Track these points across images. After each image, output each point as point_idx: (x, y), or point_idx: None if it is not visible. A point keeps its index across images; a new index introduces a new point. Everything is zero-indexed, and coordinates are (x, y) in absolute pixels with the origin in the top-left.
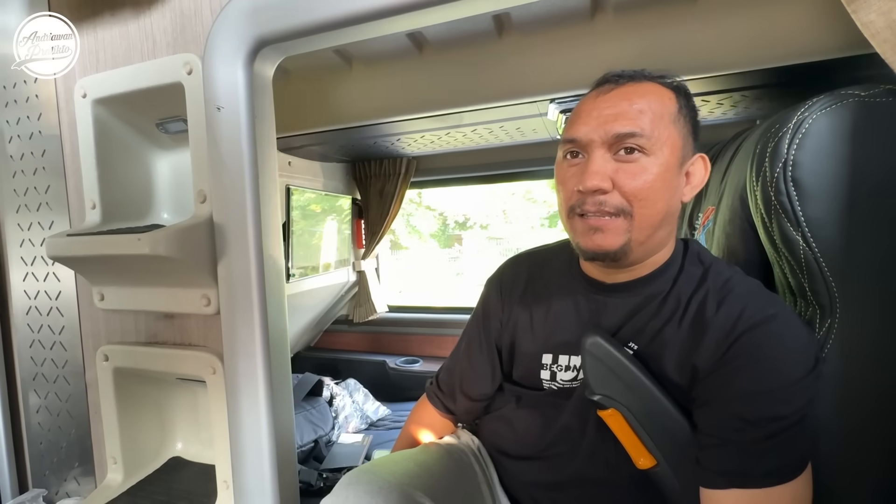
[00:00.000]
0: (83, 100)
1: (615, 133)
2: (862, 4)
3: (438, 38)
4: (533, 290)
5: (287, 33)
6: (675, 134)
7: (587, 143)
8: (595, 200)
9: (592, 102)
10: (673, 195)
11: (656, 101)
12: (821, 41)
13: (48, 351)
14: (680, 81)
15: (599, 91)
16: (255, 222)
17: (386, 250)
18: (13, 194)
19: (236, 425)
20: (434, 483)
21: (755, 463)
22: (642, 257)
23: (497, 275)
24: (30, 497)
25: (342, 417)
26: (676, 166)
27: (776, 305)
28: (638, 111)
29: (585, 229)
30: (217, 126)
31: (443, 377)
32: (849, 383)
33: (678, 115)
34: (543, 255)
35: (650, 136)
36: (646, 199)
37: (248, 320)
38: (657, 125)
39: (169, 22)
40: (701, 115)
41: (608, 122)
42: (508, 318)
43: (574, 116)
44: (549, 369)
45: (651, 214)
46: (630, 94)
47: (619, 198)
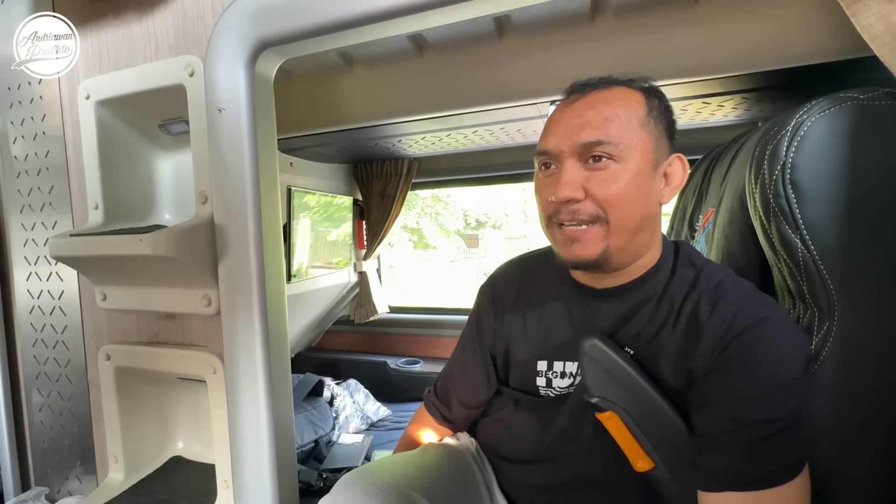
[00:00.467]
0: (87, 101)
1: (582, 143)
2: (861, 8)
3: (439, 39)
4: (525, 296)
5: (288, 35)
6: (646, 137)
7: (557, 154)
8: (569, 210)
9: (560, 113)
10: (648, 199)
11: (623, 107)
12: (820, 44)
13: (51, 350)
14: (651, 83)
15: (567, 101)
16: (255, 223)
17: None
18: (17, 194)
19: (236, 425)
20: (433, 484)
21: (752, 465)
22: (626, 262)
23: (489, 283)
24: (32, 495)
25: (342, 418)
26: (649, 169)
27: (769, 308)
28: (604, 119)
29: (564, 239)
30: (219, 127)
31: (440, 386)
32: (847, 386)
33: (647, 117)
34: (535, 261)
35: (618, 143)
36: (619, 205)
37: (248, 320)
38: (625, 131)
39: (171, 24)
40: (701, 117)
41: (575, 131)
42: (502, 326)
43: (545, 128)
44: (545, 376)
45: (626, 219)
46: (595, 102)
47: (593, 205)
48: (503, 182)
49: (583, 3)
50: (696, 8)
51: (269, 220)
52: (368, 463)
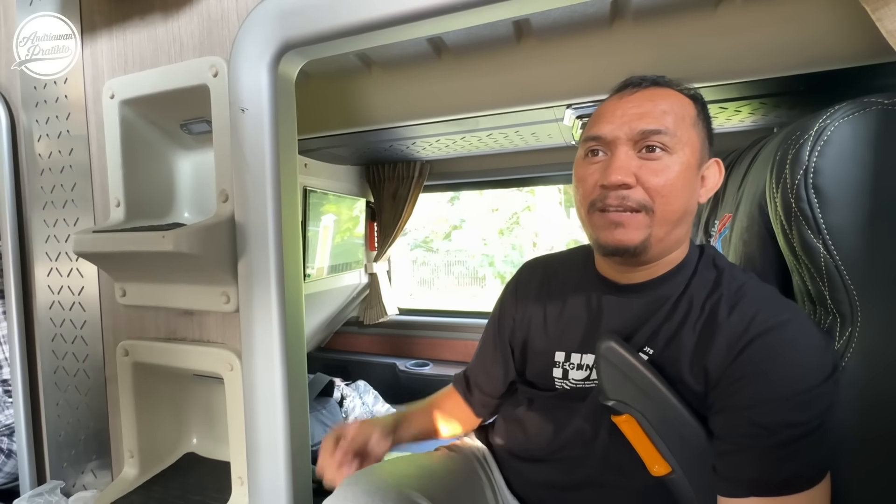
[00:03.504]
0: (111, 101)
1: (641, 129)
2: (887, 13)
3: (458, 42)
4: (548, 289)
5: (311, 37)
6: (695, 136)
7: (612, 140)
8: (618, 195)
9: (616, 103)
10: (691, 195)
11: (678, 104)
12: (842, 49)
13: (69, 345)
14: (696, 91)
15: (622, 93)
16: (275, 222)
17: None
18: (40, 191)
19: (252, 422)
20: (435, 485)
21: (773, 470)
22: (660, 254)
23: (514, 278)
24: (48, 488)
25: (352, 418)
26: (695, 167)
27: (791, 311)
28: (662, 111)
29: (606, 224)
30: (241, 127)
31: (467, 369)
32: (870, 393)
33: (697, 119)
34: (560, 258)
35: (674, 135)
36: (668, 195)
37: (266, 318)
38: (679, 126)
39: (196, 26)
40: (718, 122)
41: (633, 120)
42: (522, 316)
43: (596, 117)
44: (562, 367)
45: (671, 211)
46: (653, 96)
47: (643, 193)
48: (513, 186)
49: (602, 7)
50: (715, 12)
51: (289, 220)
52: (371, 465)
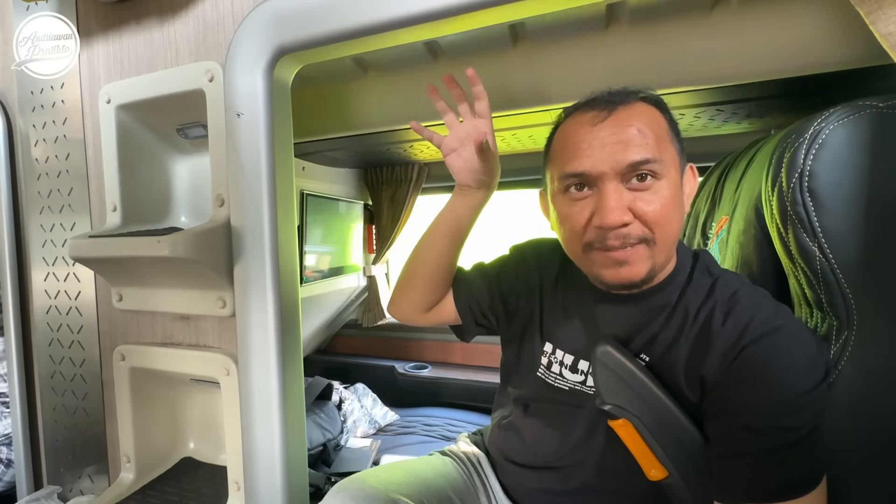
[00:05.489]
0: (107, 105)
1: (630, 162)
2: (881, 15)
3: (454, 45)
4: (559, 282)
5: (307, 42)
6: (674, 151)
7: (597, 176)
8: (618, 234)
9: (590, 132)
10: (682, 212)
11: (651, 120)
12: (837, 52)
13: (66, 350)
14: (657, 95)
15: (594, 117)
16: (271, 226)
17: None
18: (37, 196)
19: (249, 427)
20: (425, 490)
21: (768, 476)
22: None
23: (531, 247)
24: (45, 494)
25: (351, 422)
26: (679, 183)
27: (783, 317)
28: (644, 136)
29: (610, 263)
30: (237, 132)
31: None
32: (866, 397)
33: (670, 130)
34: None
35: (661, 161)
36: (665, 223)
37: (262, 323)
38: (661, 146)
39: (192, 30)
40: (714, 124)
41: (617, 152)
42: (535, 295)
43: (570, 148)
44: (548, 358)
45: (670, 236)
46: (628, 118)
47: (641, 227)
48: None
49: (597, 10)
50: (711, 16)
51: (285, 224)
52: (361, 472)
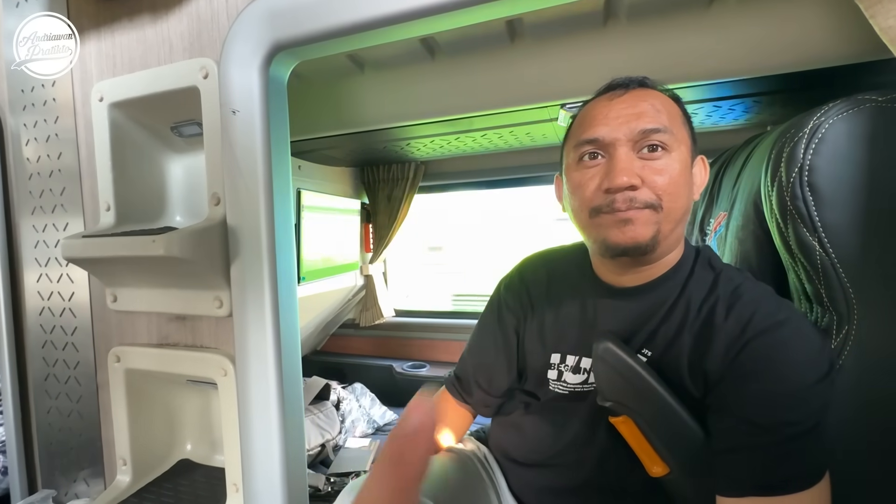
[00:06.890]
0: (100, 103)
1: (641, 129)
2: (880, 9)
3: (451, 42)
4: (547, 289)
5: (303, 38)
6: (686, 134)
7: (610, 143)
8: (625, 197)
9: (607, 105)
10: (690, 192)
11: (667, 104)
12: (836, 46)
13: (60, 352)
14: (674, 91)
15: (611, 95)
16: (268, 225)
17: None
18: (29, 196)
19: (247, 428)
20: (438, 486)
21: (771, 470)
22: (663, 252)
23: (517, 272)
24: (39, 498)
25: (349, 422)
26: (689, 164)
27: (786, 311)
28: (657, 110)
29: (615, 222)
30: (232, 129)
31: (458, 369)
32: (867, 390)
33: (683, 118)
34: (559, 257)
35: (672, 133)
36: (673, 193)
37: (260, 322)
38: (674, 124)
39: (186, 27)
40: (712, 120)
41: (631, 120)
42: (531, 319)
43: (587, 120)
44: (557, 368)
45: (677, 208)
46: (645, 96)
47: (649, 193)
48: (509, 186)
49: (596, 6)
50: (709, 11)
51: (282, 222)
52: None
